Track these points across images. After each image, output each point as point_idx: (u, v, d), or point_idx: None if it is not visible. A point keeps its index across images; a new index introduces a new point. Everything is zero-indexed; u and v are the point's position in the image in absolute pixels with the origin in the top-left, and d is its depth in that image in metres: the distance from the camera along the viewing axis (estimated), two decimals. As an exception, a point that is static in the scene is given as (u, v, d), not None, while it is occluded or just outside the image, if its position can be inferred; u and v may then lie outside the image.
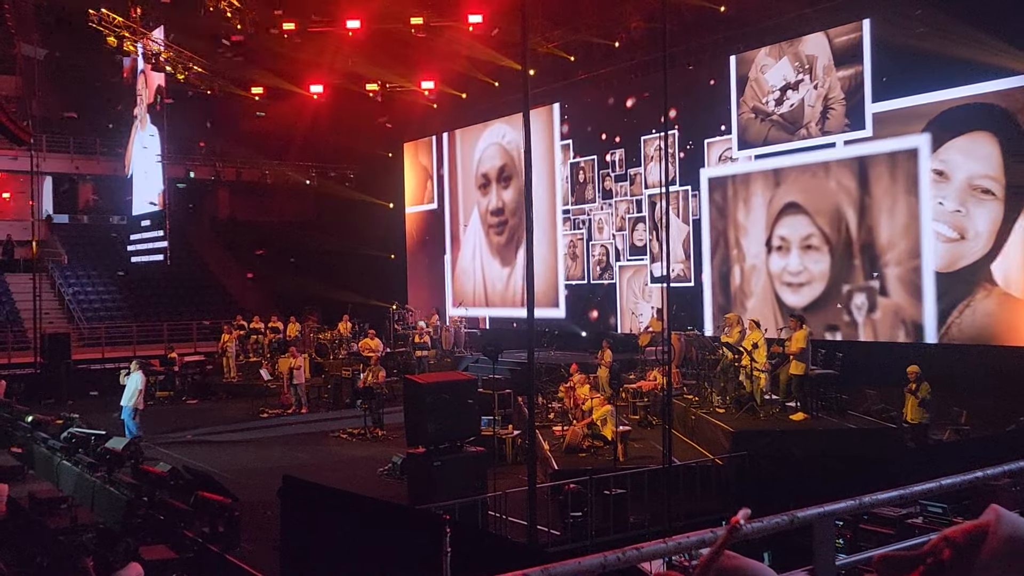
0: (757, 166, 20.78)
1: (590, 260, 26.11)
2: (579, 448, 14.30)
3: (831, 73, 18.93)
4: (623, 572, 2.55)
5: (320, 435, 18.57)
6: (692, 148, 22.42)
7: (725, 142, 21.59)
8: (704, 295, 21.70)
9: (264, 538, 10.70)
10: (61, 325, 28.55)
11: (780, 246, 20.09)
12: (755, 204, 20.83)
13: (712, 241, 21.88)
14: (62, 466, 14.73)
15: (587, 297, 25.38)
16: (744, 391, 14.91)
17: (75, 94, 33.98)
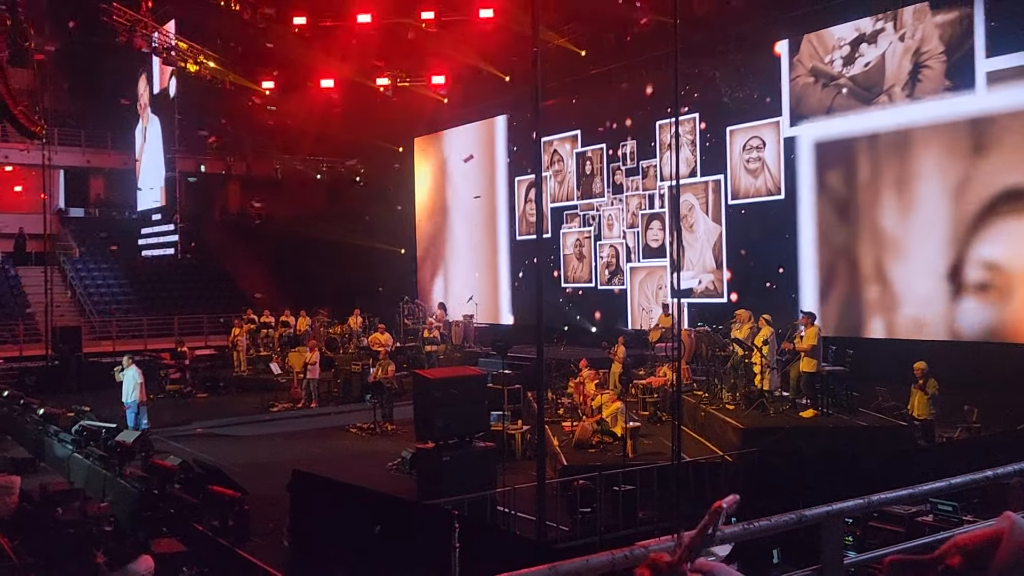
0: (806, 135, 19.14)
1: (597, 262, 25.45)
2: (588, 444, 14.29)
3: (924, 19, 16.09)
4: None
5: (330, 429, 18.60)
6: (713, 141, 21.42)
7: (751, 130, 20.37)
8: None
9: (274, 532, 10.73)
10: (72, 318, 28.67)
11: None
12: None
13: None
14: (73, 459, 14.81)
15: (559, 305, 24.53)
16: (754, 388, 14.87)
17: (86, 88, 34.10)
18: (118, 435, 14.43)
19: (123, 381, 17.71)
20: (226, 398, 22.98)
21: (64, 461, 15.18)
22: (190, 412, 20.58)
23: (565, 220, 26.43)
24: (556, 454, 13.86)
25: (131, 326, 28.97)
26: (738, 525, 2.72)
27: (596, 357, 19.00)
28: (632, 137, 24.16)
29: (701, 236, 22.35)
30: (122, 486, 12.84)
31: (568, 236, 26.85)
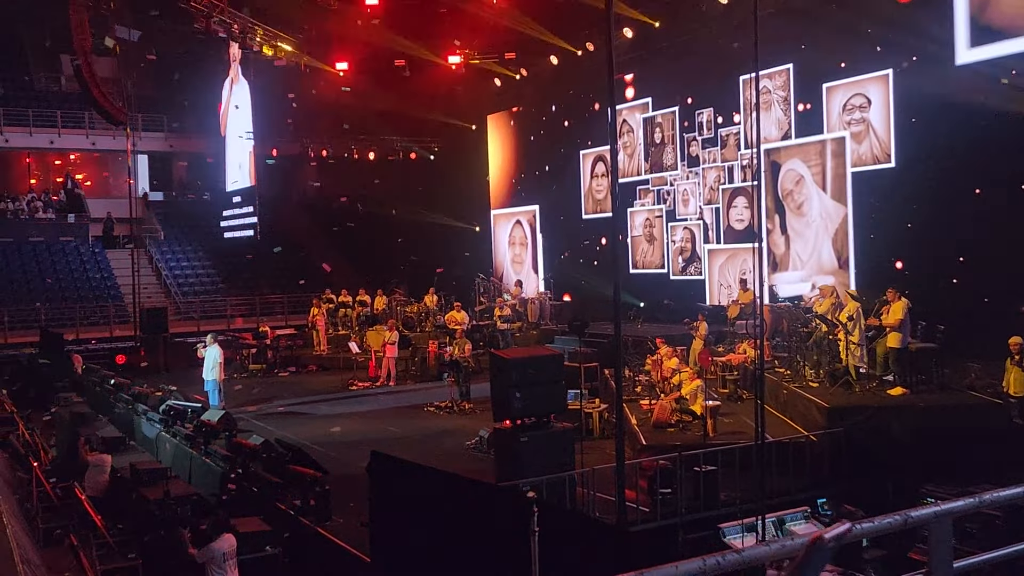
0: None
1: (669, 246, 23.87)
2: (667, 423, 14.08)
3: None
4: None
5: (408, 408, 18.76)
6: (810, 108, 19.22)
7: (855, 85, 17.89)
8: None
9: (354, 511, 10.82)
10: (159, 299, 29.47)
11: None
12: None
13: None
14: (161, 438, 15.22)
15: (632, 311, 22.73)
16: (839, 365, 14.42)
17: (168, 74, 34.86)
18: (203, 414, 14.78)
19: (205, 358, 18.12)
20: (306, 377, 23.37)
21: (152, 440, 15.62)
22: (272, 390, 20.98)
23: (638, 195, 25.27)
24: (635, 433, 13.69)
25: (214, 307, 29.65)
26: (841, 525, 2.53)
27: (673, 334, 18.70)
28: (708, 104, 22.50)
29: (815, 220, 19.47)
30: (207, 465, 13.13)
31: (636, 215, 25.26)
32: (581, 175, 27.72)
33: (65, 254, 31.56)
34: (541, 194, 29.17)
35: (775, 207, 20.64)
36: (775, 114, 20.94)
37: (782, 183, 20.75)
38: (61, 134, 32.36)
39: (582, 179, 27.72)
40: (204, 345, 18.61)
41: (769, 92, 21.08)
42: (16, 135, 31.70)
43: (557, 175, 28.39)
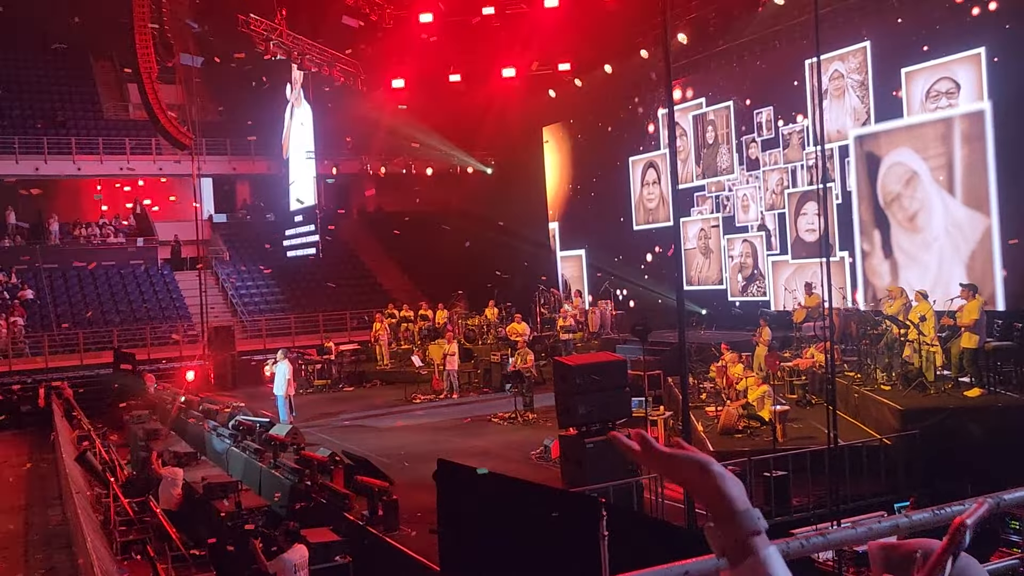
0: None
1: (727, 261, 22.24)
2: (735, 429, 13.86)
3: None
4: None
5: (472, 419, 18.77)
6: (899, 95, 16.82)
7: (941, 68, 15.49)
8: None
9: (422, 521, 10.85)
10: (225, 319, 30.02)
11: None
12: None
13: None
14: (231, 452, 15.48)
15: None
16: (912, 367, 14.04)
17: (229, 98, 35.65)
18: (271, 429, 15.01)
19: (275, 374, 18.41)
20: (370, 391, 23.58)
21: (222, 455, 15.89)
22: (337, 405, 21.20)
23: (696, 202, 24.14)
24: (701, 440, 13.49)
25: (279, 324, 30.12)
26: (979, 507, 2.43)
27: (737, 340, 18.44)
28: (768, 103, 21.00)
29: (937, 238, 15.93)
30: (276, 478, 13.30)
31: (689, 226, 23.63)
32: (631, 183, 27.19)
33: (135, 277, 32.39)
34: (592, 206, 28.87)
35: (873, 219, 17.61)
36: (849, 102, 18.96)
37: (883, 183, 17.54)
38: (130, 160, 33.23)
39: (632, 187, 27.17)
40: (274, 361, 18.92)
41: (842, 76, 19.03)
42: (88, 163, 32.66)
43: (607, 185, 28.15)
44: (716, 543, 1.23)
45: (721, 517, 1.22)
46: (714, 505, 1.23)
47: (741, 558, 1.19)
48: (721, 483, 1.23)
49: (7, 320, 27.49)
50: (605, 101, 27.54)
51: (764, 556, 1.19)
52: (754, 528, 1.20)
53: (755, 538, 1.20)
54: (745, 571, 1.19)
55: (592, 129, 29.04)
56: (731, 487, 1.23)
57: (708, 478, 1.24)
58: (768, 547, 1.20)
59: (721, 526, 1.22)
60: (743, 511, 1.21)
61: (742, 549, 1.19)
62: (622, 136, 27.46)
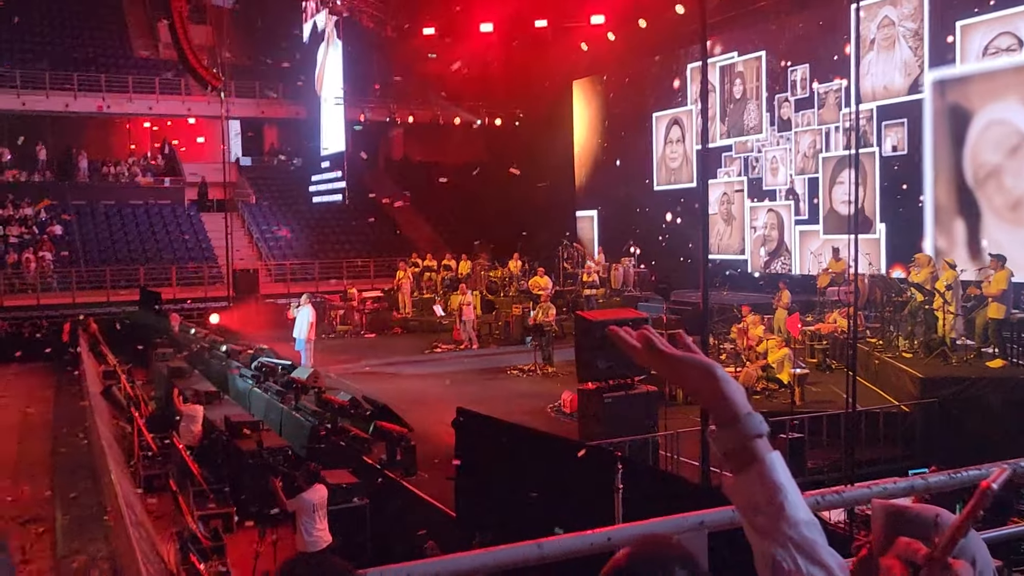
0: None
1: (748, 231, 21.13)
2: (752, 390, 13.88)
3: None
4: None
5: (491, 370, 18.89)
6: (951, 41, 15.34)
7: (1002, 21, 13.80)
8: None
9: (439, 468, 11.00)
10: (250, 262, 30.24)
11: None
12: None
13: None
14: (253, 393, 15.69)
15: None
16: (935, 335, 13.98)
17: (259, 40, 35.51)
18: (293, 372, 15.18)
19: (296, 318, 18.52)
20: (392, 339, 23.75)
21: (245, 395, 16.10)
22: (358, 351, 21.38)
23: (723, 163, 23.27)
24: (719, 400, 13.52)
25: (303, 270, 30.31)
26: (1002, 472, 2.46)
27: (759, 303, 18.39)
28: (804, 60, 19.71)
29: None
30: (297, 419, 13.49)
31: (712, 189, 22.27)
32: (653, 141, 26.54)
33: (162, 216, 32.63)
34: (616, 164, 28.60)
35: (956, 201, 14.79)
36: (900, 54, 17.29)
37: (974, 152, 15.21)
38: (159, 100, 33.29)
39: (654, 145, 26.53)
40: (297, 305, 19.04)
41: (893, 24, 17.20)
42: (117, 101, 32.73)
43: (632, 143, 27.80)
44: (720, 447, 1.24)
45: (724, 421, 1.24)
46: (717, 408, 1.25)
47: (745, 463, 1.21)
48: (725, 387, 1.25)
49: (36, 255, 27.83)
50: (637, 56, 27.17)
51: (768, 460, 1.21)
52: (757, 431, 1.22)
53: (757, 441, 1.22)
54: (750, 477, 1.20)
55: (621, 85, 28.72)
56: (734, 391, 1.25)
57: (712, 381, 1.25)
58: (771, 451, 1.22)
59: (724, 430, 1.23)
60: (746, 415, 1.23)
61: (745, 453, 1.21)
62: (649, 92, 27.09)
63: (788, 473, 1.22)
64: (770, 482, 1.19)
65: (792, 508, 1.19)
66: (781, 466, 1.22)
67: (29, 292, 26.23)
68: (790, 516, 1.18)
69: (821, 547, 1.17)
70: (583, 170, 30.99)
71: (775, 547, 1.15)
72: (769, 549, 1.16)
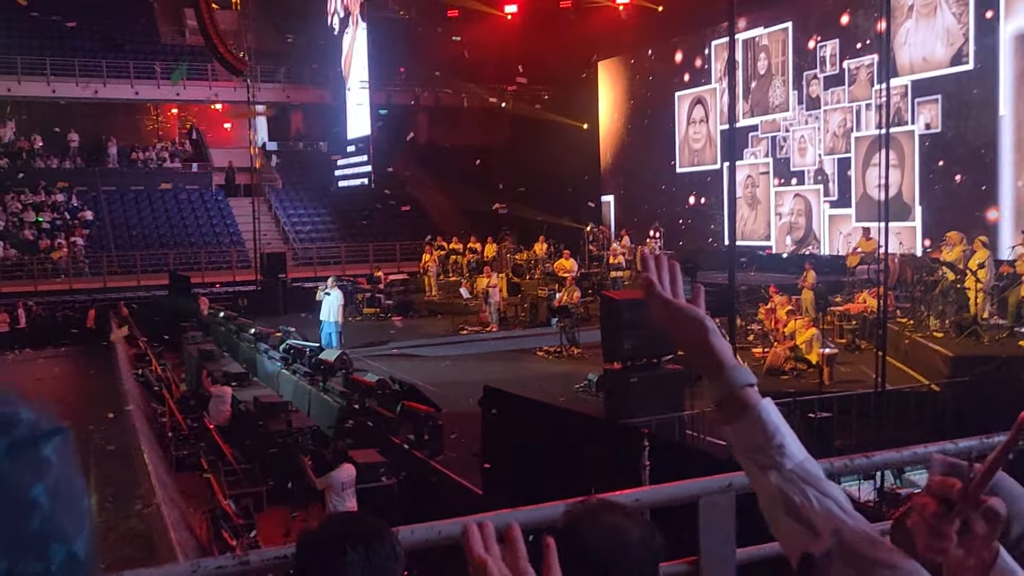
0: None
1: (774, 217, 20.25)
2: (780, 370, 13.82)
3: None
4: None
5: (517, 352, 18.92)
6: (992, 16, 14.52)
7: None
8: None
9: (466, 447, 11.05)
10: (277, 246, 30.45)
11: None
12: None
13: None
14: (281, 375, 15.84)
15: None
16: (966, 314, 13.81)
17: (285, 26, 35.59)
18: (321, 353, 15.29)
19: (323, 301, 18.63)
20: (418, 321, 23.83)
21: (273, 376, 16.26)
22: (385, 334, 21.48)
23: (750, 143, 22.49)
24: (746, 379, 13.46)
25: (330, 253, 30.47)
26: (973, 439, 2.46)
27: (787, 283, 18.25)
28: (834, 36, 18.80)
29: None
30: (325, 400, 13.60)
31: (737, 171, 21.01)
32: (676, 121, 26.08)
33: (190, 202, 32.91)
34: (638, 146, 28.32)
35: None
36: (942, 22, 16.08)
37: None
38: (186, 86, 33.50)
39: (677, 126, 26.06)
40: (325, 288, 19.14)
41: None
42: (145, 87, 32.99)
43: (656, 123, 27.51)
44: (712, 396, 1.27)
45: (712, 373, 1.27)
46: (705, 361, 1.28)
47: (737, 413, 1.23)
48: (714, 339, 1.28)
49: (68, 240, 28.18)
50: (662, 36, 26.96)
51: (760, 407, 1.23)
52: (746, 380, 1.25)
53: (748, 389, 1.24)
54: (744, 425, 1.22)
55: (645, 65, 28.51)
56: (723, 345, 1.28)
57: (703, 332, 1.29)
58: (762, 399, 1.24)
59: (714, 382, 1.26)
60: (733, 366, 1.25)
61: (736, 401, 1.23)
62: (673, 72, 26.81)
63: (782, 417, 1.24)
64: (768, 423, 1.22)
65: (791, 445, 1.22)
66: (775, 410, 1.24)
67: (62, 277, 26.58)
68: (791, 452, 1.21)
69: (825, 480, 1.20)
70: (608, 152, 30.85)
71: (782, 482, 1.18)
72: (776, 485, 1.18)
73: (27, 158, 31.85)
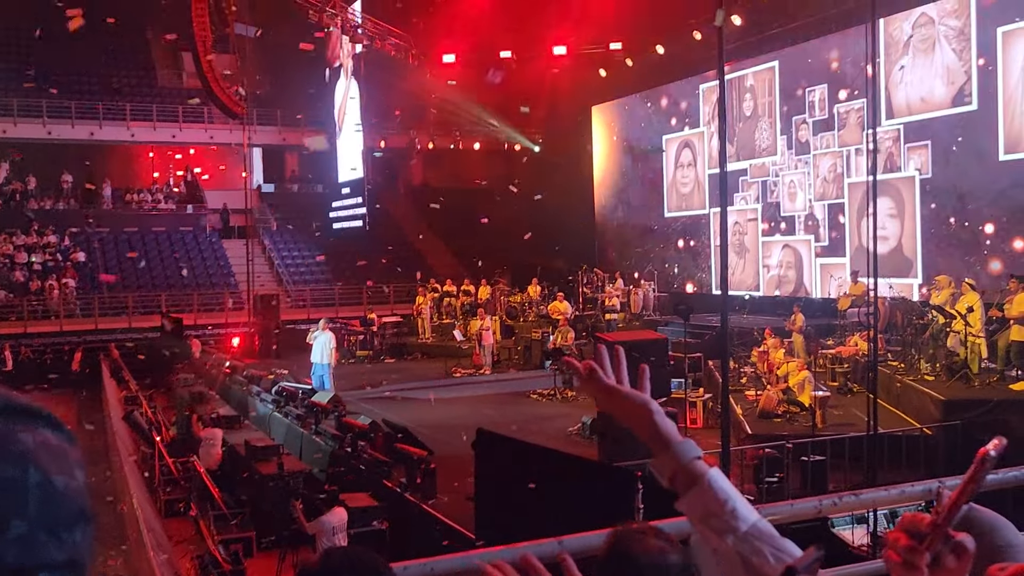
0: None
1: (763, 269, 19.80)
2: (774, 413, 13.82)
3: None
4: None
5: (511, 395, 18.89)
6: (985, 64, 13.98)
7: None
8: None
9: (458, 491, 10.98)
10: (271, 287, 30.44)
11: None
12: None
13: None
14: (273, 417, 15.77)
15: None
16: (957, 358, 13.87)
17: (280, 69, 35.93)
18: (313, 396, 15.26)
19: (314, 343, 18.61)
20: (412, 363, 23.79)
21: (265, 419, 16.18)
22: (378, 376, 21.43)
23: (740, 187, 22.09)
24: (739, 423, 13.47)
25: (324, 295, 30.47)
26: (958, 477, 2.48)
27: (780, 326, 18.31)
28: (822, 81, 18.57)
29: None
30: (317, 443, 13.53)
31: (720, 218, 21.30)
32: (664, 165, 26.23)
33: (184, 243, 32.95)
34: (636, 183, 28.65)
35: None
36: (940, 58, 15.08)
37: None
38: (182, 128, 33.72)
39: (665, 169, 26.16)
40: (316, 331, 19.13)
41: (932, 23, 15.21)
42: (141, 130, 33.19)
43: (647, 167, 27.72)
44: (663, 473, 1.32)
45: (661, 450, 1.32)
46: (653, 439, 1.34)
47: (689, 484, 1.28)
48: (659, 420, 1.35)
49: (59, 282, 28.15)
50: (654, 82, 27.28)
51: (709, 477, 1.28)
52: (694, 454, 1.30)
53: (696, 462, 1.29)
54: (696, 495, 1.27)
55: (637, 110, 28.82)
56: (668, 425, 1.34)
57: (648, 415, 1.35)
58: (710, 469, 1.29)
59: (663, 458, 1.31)
60: (680, 442, 1.31)
61: (687, 474, 1.28)
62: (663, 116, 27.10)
63: (730, 484, 1.29)
64: (719, 490, 1.27)
65: (743, 509, 1.27)
66: (723, 478, 1.30)
67: (52, 318, 26.50)
68: (743, 515, 1.26)
69: (779, 537, 1.24)
70: (602, 195, 31.05)
71: (738, 543, 1.23)
72: (733, 547, 1.22)
73: (20, 199, 31.91)
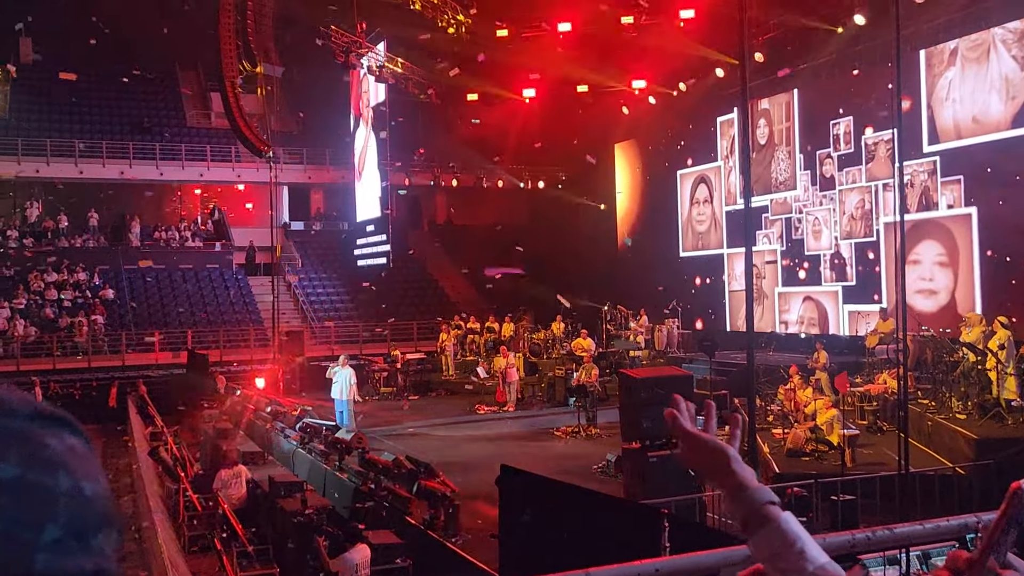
0: None
1: (780, 326, 18.69)
2: (802, 451, 13.63)
3: None
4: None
5: (535, 432, 18.80)
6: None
7: None
8: None
9: (482, 529, 10.89)
10: (296, 324, 30.57)
11: None
12: None
13: None
14: (297, 454, 15.74)
15: None
16: (989, 396, 13.64)
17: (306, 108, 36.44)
18: (337, 432, 15.23)
19: (334, 379, 18.64)
20: (435, 400, 23.75)
21: (289, 455, 16.16)
22: (402, 413, 21.40)
23: (763, 225, 20.81)
24: (767, 462, 13.29)
25: (348, 332, 30.55)
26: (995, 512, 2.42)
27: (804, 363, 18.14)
28: (847, 113, 17.42)
29: None
30: (340, 480, 13.48)
31: (736, 260, 18.81)
32: (679, 201, 25.68)
33: (211, 280, 33.22)
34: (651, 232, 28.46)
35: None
36: (997, 68, 12.75)
37: None
38: (210, 167, 34.18)
39: (680, 206, 25.63)
40: (337, 367, 19.18)
41: (985, 27, 13.09)
42: (169, 168, 33.68)
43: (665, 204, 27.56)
44: (737, 516, 1.34)
45: (738, 494, 1.35)
46: (731, 485, 1.36)
47: (760, 525, 1.31)
48: (737, 465, 1.37)
49: (88, 319, 28.43)
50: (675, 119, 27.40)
51: (782, 517, 1.31)
52: (769, 499, 1.33)
53: (770, 506, 1.32)
54: (765, 535, 1.30)
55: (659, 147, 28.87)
56: (744, 469, 1.37)
57: (725, 460, 1.37)
58: (783, 512, 1.32)
59: (738, 502, 1.34)
60: (756, 488, 1.34)
61: (760, 516, 1.31)
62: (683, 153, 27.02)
63: (800, 526, 1.32)
64: (788, 533, 1.29)
65: (812, 551, 1.29)
66: (795, 522, 1.32)
67: (81, 355, 26.73)
68: (812, 556, 1.28)
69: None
70: (624, 232, 31.05)
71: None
72: None
73: (51, 237, 32.38)
